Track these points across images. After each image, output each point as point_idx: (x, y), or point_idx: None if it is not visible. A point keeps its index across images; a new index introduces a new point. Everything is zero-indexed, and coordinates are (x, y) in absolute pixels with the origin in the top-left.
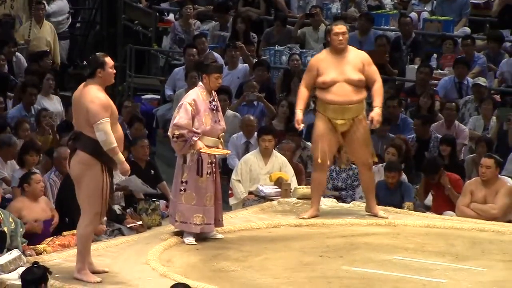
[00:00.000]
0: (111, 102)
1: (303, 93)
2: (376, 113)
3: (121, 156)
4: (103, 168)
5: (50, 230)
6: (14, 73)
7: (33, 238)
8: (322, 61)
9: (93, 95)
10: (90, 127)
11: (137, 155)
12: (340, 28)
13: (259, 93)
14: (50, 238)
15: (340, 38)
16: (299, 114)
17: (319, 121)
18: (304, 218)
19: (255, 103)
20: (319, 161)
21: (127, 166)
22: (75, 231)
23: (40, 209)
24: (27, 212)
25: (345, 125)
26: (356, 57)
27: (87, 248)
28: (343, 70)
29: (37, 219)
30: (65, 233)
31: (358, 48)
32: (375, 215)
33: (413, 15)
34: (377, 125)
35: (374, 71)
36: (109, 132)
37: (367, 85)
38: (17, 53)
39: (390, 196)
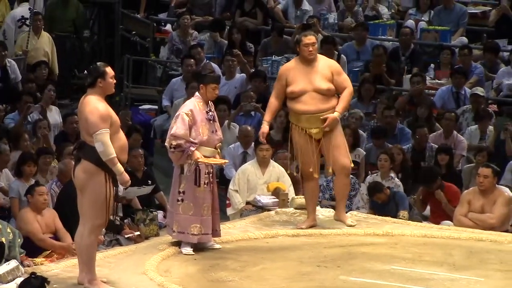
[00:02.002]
0: (111, 112)
1: (272, 104)
2: (332, 116)
3: (120, 167)
4: (106, 177)
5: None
6: (9, 79)
7: (31, 249)
8: (291, 70)
9: (93, 105)
10: (91, 137)
11: (132, 166)
12: (309, 39)
13: (256, 103)
14: (49, 251)
15: (310, 49)
16: (265, 126)
17: (294, 132)
18: (302, 228)
19: (252, 113)
20: (297, 174)
21: (126, 177)
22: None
23: (44, 223)
24: (32, 223)
25: (319, 133)
26: (325, 66)
27: (93, 258)
28: (312, 80)
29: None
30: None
31: (355, 59)
32: (343, 222)
33: (411, 25)
34: (325, 128)
35: (344, 79)
36: (108, 143)
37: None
38: (9, 59)
39: (385, 206)
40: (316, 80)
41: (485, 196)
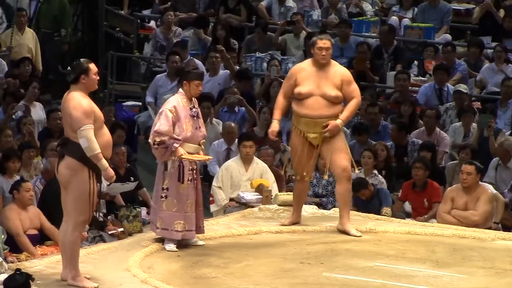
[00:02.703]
0: (95, 108)
1: (280, 102)
2: (334, 122)
3: (104, 163)
4: (90, 173)
5: (35, 245)
6: None
7: (15, 245)
8: (302, 71)
9: (76, 101)
10: (75, 133)
11: (114, 163)
12: (324, 43)
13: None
14: (33, 247)
15: (324, 53)
16: (274, 124)
17: (293, 134)
18: (284, 225)
19: (236, 109)
20: (292, 175)
21: (111, 172)
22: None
23: (28, 219)
24: (14, 221)
25: (316, 138)
26: (337, 73)
27: (76, 254)
28: (321, 84)
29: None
30: (48, 242)
31: (339, 55)
32: (348, 233)
33: (395, 21)
34: (326, 133)
35: (353, 89)
36: (92, 139)
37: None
38: None
39: (368, 203)
40: (325, 86)
41: (468, 193)
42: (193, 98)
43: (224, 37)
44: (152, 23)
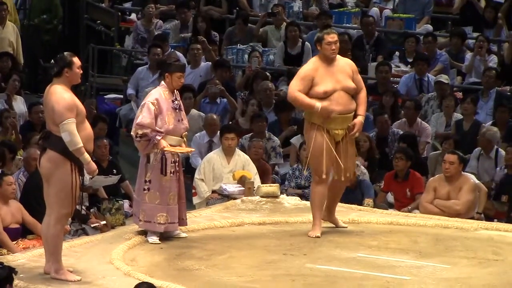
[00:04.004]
0: (77, 102)
1: (302, 95)
2: (359, 120)
3: (87, 156)
4: (72, 167)
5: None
6: None
7: None
8: (317, 70)
9: (59, 95)
10: (57, 127)
11: (97, 156)
12: (332, 37)
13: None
14: (15, 242)
15: (333, 47)
16: (316, 105)
17: (317, 134)
18: (318, 237)
19: (218, 100)
20: (324, 177)
21: (93, 166)
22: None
23: (10, 213)
24: None
25: (341, 135)
26: (346, 65)
27: (59, 247)
28: (339, 79)
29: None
30: (29, 236)
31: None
32: (336, 225)
33: (375, 13)
34: (357, 133)
35: (360, 79)
36: (74, 133)
37: None
38: None
39: (351, 194)
40: (343, 80)
41: (451, 183)
42: (175, 90)
43: (205, 29)
44: (133, 16)
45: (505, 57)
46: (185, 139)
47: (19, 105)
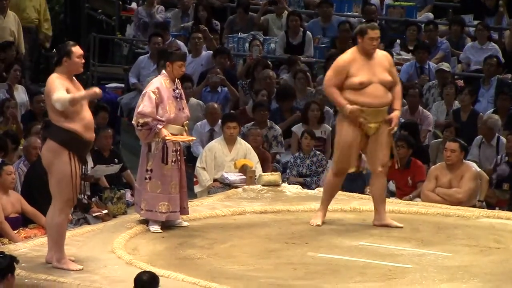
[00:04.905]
0: (72, 91)
1: (337, 91)
2: (396, 115)
3: (81, 94)
4: (70, 156)
5: (17, 228)
6: None
7: None
8: (353, 62)
9: (51, 85)
10: (55, 116)
11: (100, 145)
12: (376, 33)
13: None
14: (16, 231)
15: (374, 43)
16: (348, 106)
17: (348, 127)
18: (318, 225)
19: (218, 89)
20: (352, 170)
21: (92, 90)
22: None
23: (10, 203)
24: None
25: (374, 128)
26: (383, 57)
27: (62, 237)
28: (376, 72)
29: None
30: (31, 225)
31: (322, 35)
32: (389, 226)
33: (376, 1)
34: (395, 128)
35: (395, 73)
36: (62, 97)
37: None
38: None
39: (352, 183)
40: (380, 73)
41: (452, 171)
42: (176, 79)
43: (206, 18)
44: (134, 5)
45: (506, 45)
46: (186, 128)
47: (21, 94)
